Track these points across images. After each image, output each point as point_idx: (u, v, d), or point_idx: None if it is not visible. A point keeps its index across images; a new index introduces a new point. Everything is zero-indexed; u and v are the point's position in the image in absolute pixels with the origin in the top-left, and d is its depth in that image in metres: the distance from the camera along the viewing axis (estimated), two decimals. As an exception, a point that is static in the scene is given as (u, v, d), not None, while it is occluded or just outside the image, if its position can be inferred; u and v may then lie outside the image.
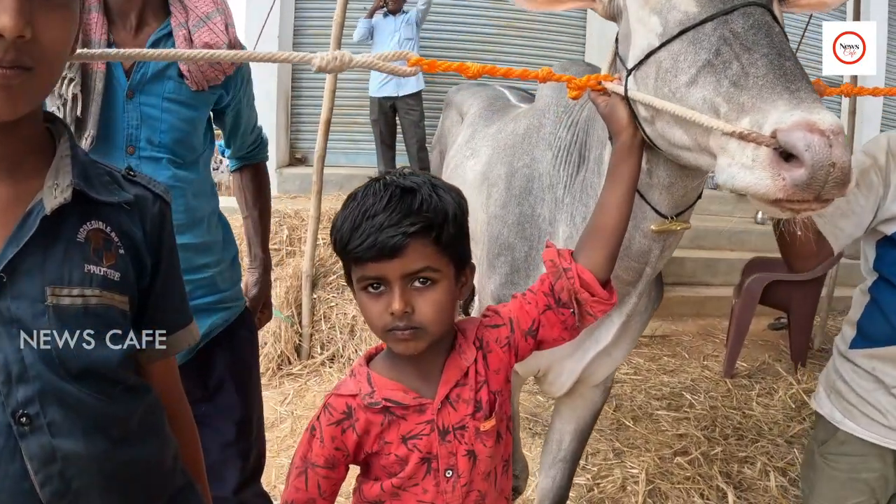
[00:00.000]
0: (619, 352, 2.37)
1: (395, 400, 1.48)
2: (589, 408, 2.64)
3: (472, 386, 1.53)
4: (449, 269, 1.47)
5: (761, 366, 5.95)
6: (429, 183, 1.46)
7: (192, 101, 2.10)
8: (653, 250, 1.92)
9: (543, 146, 2.28)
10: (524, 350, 1.62)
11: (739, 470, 4.14)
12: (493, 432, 1.55)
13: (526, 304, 1.62)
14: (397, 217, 1.38)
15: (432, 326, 1.44)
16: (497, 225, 2.39)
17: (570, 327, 1.63)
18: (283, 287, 5.68)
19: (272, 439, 4.36)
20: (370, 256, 1.39)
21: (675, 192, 1.81)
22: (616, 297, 1.64)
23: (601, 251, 1.62)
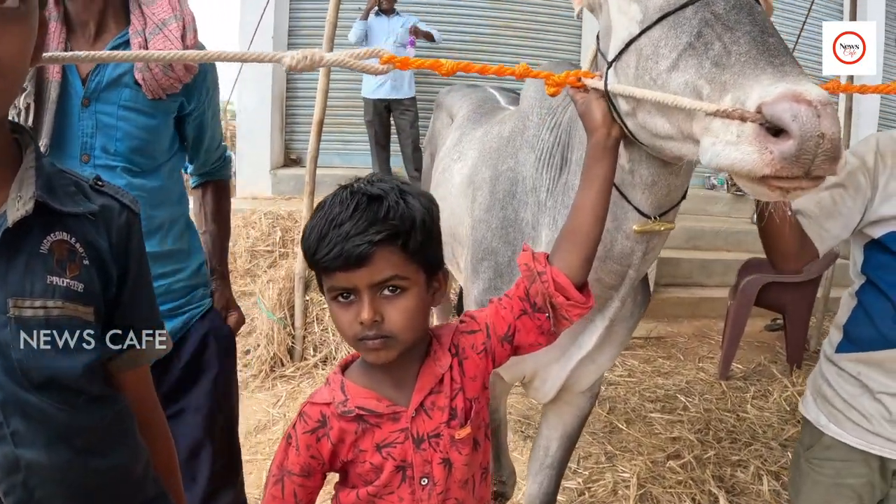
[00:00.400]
0: (605, 358, 2.34)
1: (368, 408, 1.48)
2: (576, 414, 2.61)
3: (447, 393, 1.52)
4: (419, 276, 1.46)
5: (757, 367, 5.93)
6: (396, 189, 1.44)
7: (149, 110, 2.09)
8: (635, 252, 1.88)
9: (527, 149, 2.25)
10: (501, 356, 1.61)
11: (732, 474, 4.11)
12: (468, 440, 1.54)
13: (501, 309, 1.60)
14: (363, 225, 1.37)
15: (403, 335, 1.43)
16: (481, 229, 2.36)
17: (547, 332, 1.61)
18: (276, 289, 5.66)
19: (264, 441, 4.42)
20: (338, 266, 1.38)
21: (657, 191, 1.77)
22: (593, 301, 1.62)
23: (576, 254, 1.59)
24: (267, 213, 6.46)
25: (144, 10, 2.06)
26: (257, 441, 4.42)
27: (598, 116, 1.64)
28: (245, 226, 6.34)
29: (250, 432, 4.50)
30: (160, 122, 2.13)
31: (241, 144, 8.85)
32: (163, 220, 2.16)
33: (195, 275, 2.33)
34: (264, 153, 8.65)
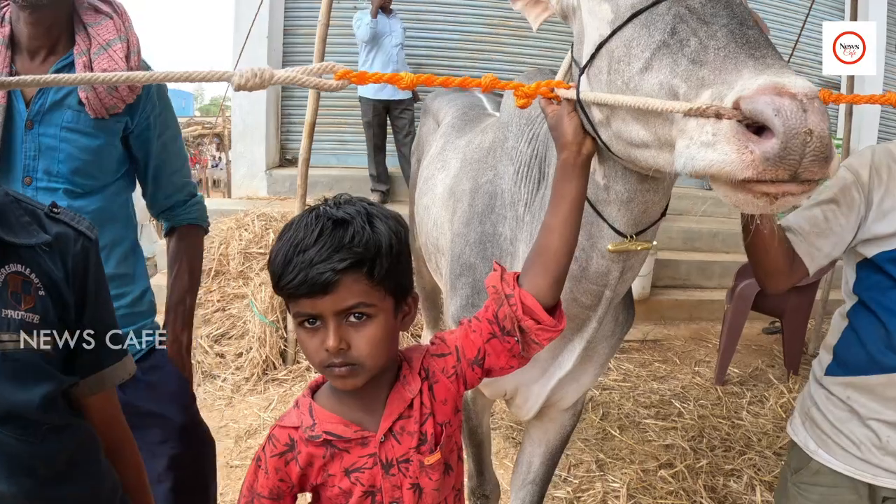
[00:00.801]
0: (587, 377, 2.30)
1: (335, 433, 1.47)
2: (558, 431, 2.57)
3: (416, 418, 1.49)
4: (385, 302, 1.42)
5: (753, 372, 5.89)
6: (363, 213, 1.41)
7: (92, 130, 2.07)
8: (611, 272, 1.82)
9: (506, 161, 2.19)
10: (472, 379, 1.57)
11: (725, 483, 4.06)
12: (439, 465, 1.51)
13: (471, 332, 1.56)
14: (327, 252, 1.34)
15: (369, 362, 1.40)
16: (459, 243, 2.32)
17: (517, 355, 1.56)
18: (269, 292, 5.63)
19: (254, 446, 4.35)
20: (302, 293, 1.35)
21: (634, 208, 1.71)
22: (564, 323, 1.55)
23: (545, 276, 1.53)
24: (260, 214, 6.42)
25: (90, 30, 2.05)
26: (248, 446, 4.39)
27: (568, 131, 1.56)
28: (238, 228, 6.30)
29: (241, 437, 4.49)
30: (104, 142, 2.11)
31: (236, 144, 8.83)
32: (104, 243, 2.08)
33: (138, 302, 2.27)
34: (259, 153, 8.63)
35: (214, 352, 5.55)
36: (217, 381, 5.31)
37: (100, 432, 1.49)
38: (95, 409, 1.47)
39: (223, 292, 5.91)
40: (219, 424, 4.64)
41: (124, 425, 1.58)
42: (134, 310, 2.25)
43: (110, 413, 1.52)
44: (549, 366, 2.18)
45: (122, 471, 1.53)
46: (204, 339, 5.61)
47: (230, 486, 3.90)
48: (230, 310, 5.81)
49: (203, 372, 5.39)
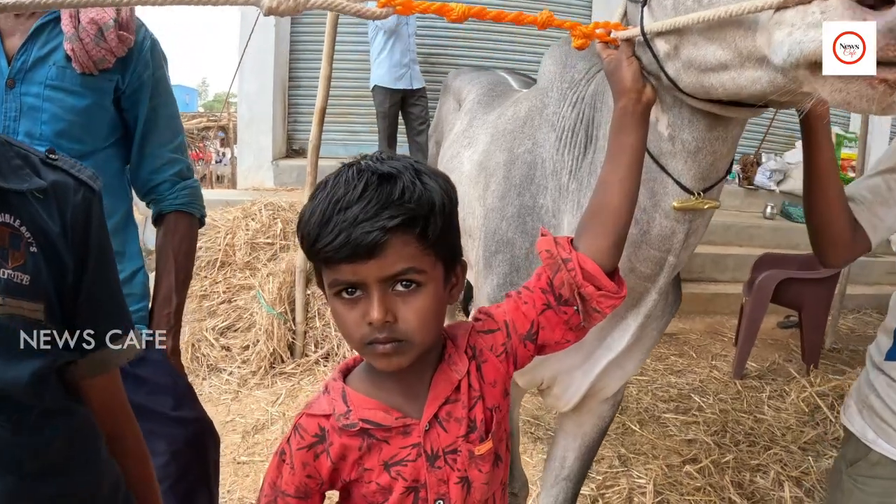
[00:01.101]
0: (632, 363, 2.14)
1: (374, 421, 1.28)
2: (596, 423, 2.40)
3: (464, 402, 1.32)
4: (436, 269, 1.26)
5: (771, 366, 5.76)
6: (411, 168, 1.24)
7: (78, 88, 1.91)
8: (676, 234, 1.66)
9: (546, 128, 2.03)
10: (523, 357, 1.41)
11: (752, 479, 3.92)
12: (489, 456, 1.34)
13: (522, 303, 1.40)
14: (374, 209, 1.17)
15: (418, 337, 1.23)
16: (495, 219, 2.16)
17: (575, 327, 1.41)
18: (276, 282, 5.50)
19: (262, 442, 4.28)
20: (343, 256, 1.17)
21: (701, 160, 1.57)
22: (626, 290, 1.41)
23: (604, 237, 1.40)
24: (267, 204, 6.27)
25: None
26: (255, 441, 4.28)
27: (627, 76, 1.45)
28: (245, 217, 6.16)
29: (248, 432, 4.38)
30: (92, 102, 1.95)
31: (242, 134, 8.70)
32: None
33: (128, 283, 2.09)
34: (266, 143, 8.49)
35: (220, 345, 5.42)
36: (223, 375, 5.19)
37: (100, 420, 1.31)
38: (96, 393, 1.29)
39: (229, 283, 5.78)
40: (225, 419, 4.54)
41: (128, 412, 1.40)
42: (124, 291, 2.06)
43: (113, 398, 1.34)
44: (595, 349, 2.02)
45: (125, 464, 1.36)
46: (209, 331, 5.48)
47: (237, 483, 3.79)
48: (236, 301, 5.67)
49: (209, 365, 5.28)
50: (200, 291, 5.73)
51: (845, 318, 6.73)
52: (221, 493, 3.63)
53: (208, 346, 5.39)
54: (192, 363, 5.25)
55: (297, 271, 5.44)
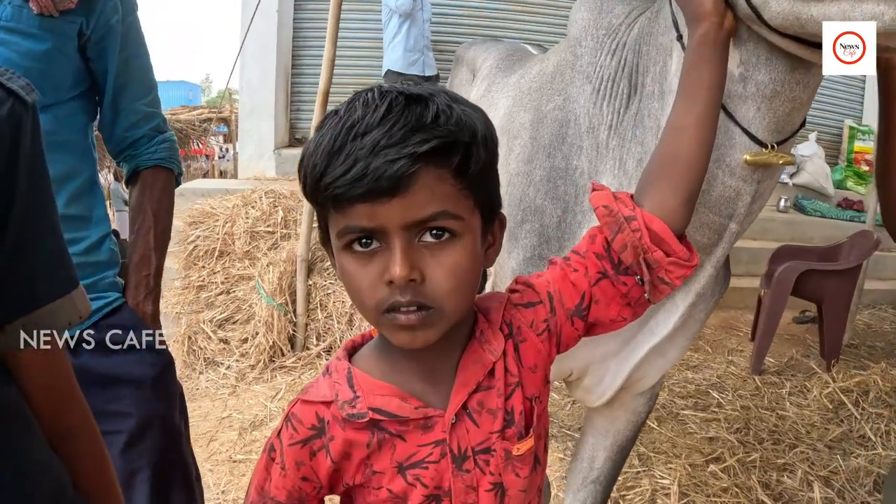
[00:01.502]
0: (675, 350, 1.89)
1: (387, 411, 1.03)
2: (630, 419, 2.16)
3: (500, 390, 1.08)
4: (474, 218, 1.00)
5: (789, 361, 5.55)
6: (446, 93, 0.99)
7: (37, 31, 1.71)
8: (741, 196, 1.44)
9: (580, 80, 1.81)
10: (569, 337, 1.17)
11: (779, 479, 3.71)
12: (529, 457, 1.10)
13: (571, 271, 1.16)
14: (400, 132, 0.91)
15: (449, 304, 0.97)
16: (520, 184, 1.92)
17: (635, 302, 1.18)
18: (276, 272, 5.30)
19: (260, 439, 4.09)
20: (358, 194, 0.91)
21: (778, 107, 1.34)
22: (697, 257, 1.18)
23: (675, 192, 1.17)
24: (268, 191, 6.06)
25: None
26: (252, 439, 4.09)
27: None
28: (245, 205, 5.96)
29: (245, 429, 4.21)
30: (52, 46, 1.74)
31: (243, 122, 8.49)
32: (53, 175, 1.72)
33: (95, 250, 1.90)
34: (268, 131, 8.27)
35: (218, 337, 5.25)
36: (220, 369, 5.04)
37: (37, 407, 1.03)
38: (30, 370, 1.01)
39: (228, 273, 5.57)
40: (222, 415, 4.39)
41: (77, 397, 1.11)
42: (89, 259, 1.86)
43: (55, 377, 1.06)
44: (635, 333, 1.79)
45: (75, 466, 1.08)
46: (207, 323, 5.30)
47: (233, 483, 3.60)
48: (235, 292, 5.47)
49: (206, 359, 5.12)
50: (198, 282, 5.56)
51: (861, 313, 6.53)
52: (216, 494, 3.48)
53: (205, 338, 5.24)
54: (188, 356, 5.13)
55: (298, 261, 5.25)
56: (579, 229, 1.73)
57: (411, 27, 7.47)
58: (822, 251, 5.81)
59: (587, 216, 1.74)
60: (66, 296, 1.05)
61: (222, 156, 19.15)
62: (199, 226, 5.80)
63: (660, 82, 1.52)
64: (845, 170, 9.01)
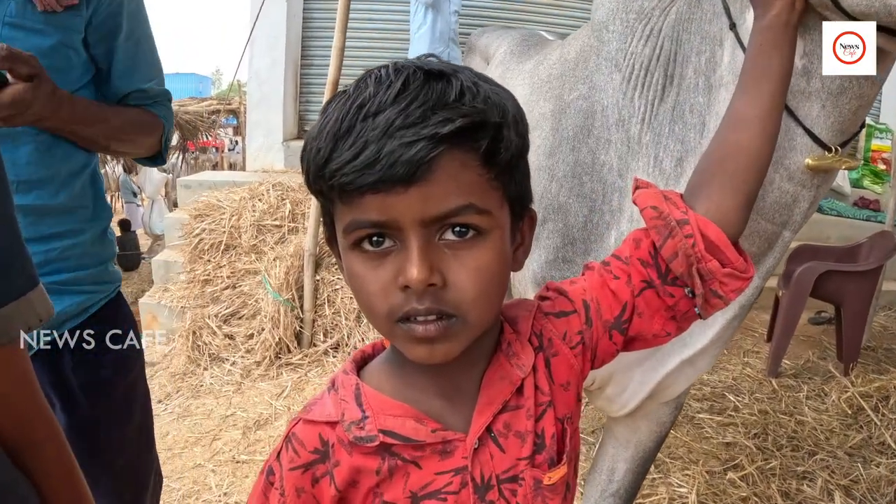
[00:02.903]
0: (705, 360, 1.77)
1: (401, 434, 0.91)
2: (654, 430, 2.03)
3: (529, 410, 0.95)
4: (503, 213, 0.88)
5: (806, 364, 5.43)
6: (469, 70, 0.87)
7: (42, 27, 1.66)
8: (799, 202, 1.33)
9: (608, 68, 1.68)
10: (606, 352, 1.04)
11: (798, 488, 3.59)
12: (561, 486, 0.98)
13: (611, 279, 1.04)
14: (419, 111, 0.78)
15: (474, 313, 0.85)
16: (542, 180, 1.79)
17: (681, 317, 1.05)
18: (283, 267, 5.22)
19: (265, 439, 4.03)
20: (368, 182, 0.79)
21: (844, 106, 1.22)
22: (753, 269, 1.05)
23: (734, 193, 1.06)
24: (275, 184, 5.99)
25: None
26: (256, 438, 4.02)
27: None
28: (252, 198, 5.88)
29: (249, 428, 4.14)
30: (57, 41, 1.69)
31: (251, 113, 8.40)
32: (61, 168, 1.74)
33: (99, 242, 1.88)
34: (276, 123, 8.17)
35: (223, 332, 5.18)
36: (225, 365, 4.97)
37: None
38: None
39: (233, 268, 5.49)
40: (225, 413, 4.32)
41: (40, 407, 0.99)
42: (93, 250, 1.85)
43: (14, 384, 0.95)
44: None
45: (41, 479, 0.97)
46: (212, 318, 5.24)
47: (235, 485, 3.51)
48: (241, 287, 5.39)
49: (210, 355, 5.06)
50: (203, 276, 5.49)
51: (878, 315, 6.41)
52: (217, 496, 3.40)
53: (210, 333, 5.18)
54: (193, 352, 5.08)
55: (305, 255, 5.17)
56: (607, 230, 1.62)
57: (437, 18, 7.32)
58: (840, 252, 5.70)
59: (616, 216, 1.62)
60: (22, 297, 0.94)
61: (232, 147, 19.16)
62: (204, 219, 5.73)
63: (706, 75, 1.40)
64: (862, 168, 8.89)
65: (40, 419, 0.99)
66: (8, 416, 0.93)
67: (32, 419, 0.98)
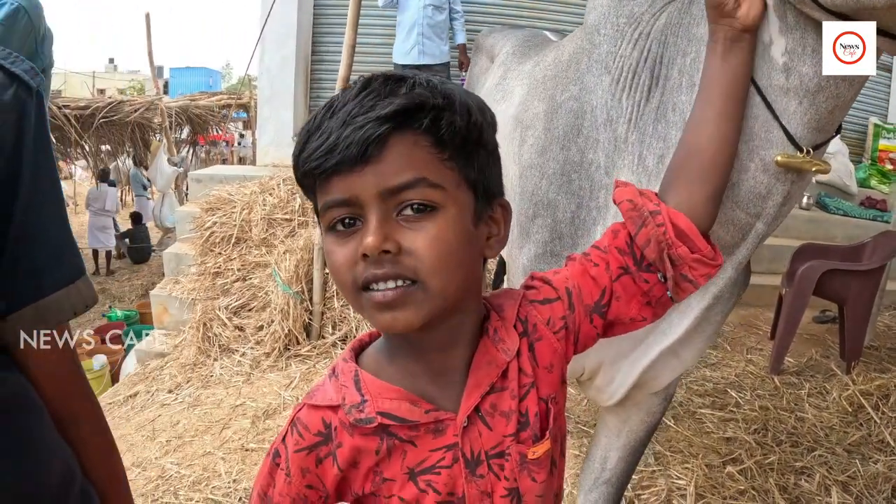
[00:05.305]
0: (690, 352, 1.83)
1: (397, 415, 1.00)
2: (644, 419, 2.10)
3: (513, 391, 1.03)
4: (460, 190, 0.96)
5: (809, 362, 5.45)
6: (431, 77, 0.97)
7: None
8: (773, 195, 1.36)
9: (598, 70, 1.75)
10: (588, 335, 1.12)
11: (796, 483, 3.64)
12: (546, 460, 1.06)
13: (591, 266, 1.12)
14: (371, 102, 0.90)
15: (433, 277, 0.92)
16: (533, 177, 1.86)
17: (656, 301, 1.14)
18: (293, 260, 5.30)
19: (273, 428, 4.09)
20: (331, 165, 0.90)
21: (821, 105, 1.26)
22: (721, 257, 1.14)
23: (699, 187, 1.15)
24: (286, 178, 6.06)
25: None
26: (265, 427, 4.09)
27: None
28: (262, 192, 5.96)
29: (258, 417, 4.21)
30: None
31: (262, 108, 8.46)
32: None
33: None
34: (287, 118, 8.22)
35: (233, 324, 5.27)
36: (235, 356, 5.06)
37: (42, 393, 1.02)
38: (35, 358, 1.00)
39: (244, 260, 5.58)
40: (235, 402, 4.39)
41: (81, 383, 1.11)
42: None
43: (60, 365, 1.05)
44: (646, 335, 1.73)
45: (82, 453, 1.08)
46: (222, 310, 5.32)
47: (244, 472, 3.58)
48: (251, 279, 5.48)
49: (220, 346, 5.15)
50: (214, 268, 5.58)
51: (882, 315, 6.43)
52: (227, 482, 3.46)
53: (221, 325, 5.25)
54: (203, 343, 5.16)
55: (314, 248, 5.25)
56: (594, 226, 1.68)
57: (402, 13, 7.35)
58: (844, 251, 5.70)
59: (602, 212, 1.69)
60: (72, 285, 1.04)
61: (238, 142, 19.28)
62: (216, 212, 5.80)
63: (690, 74, 1.45)
64: (869, 168, 8.90)
65: (82, 395, 1.11)
66: (55, 390, 1.04)
67: (76, 395, 1.09)
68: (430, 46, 7.40)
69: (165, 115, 12.41)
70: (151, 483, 3.55)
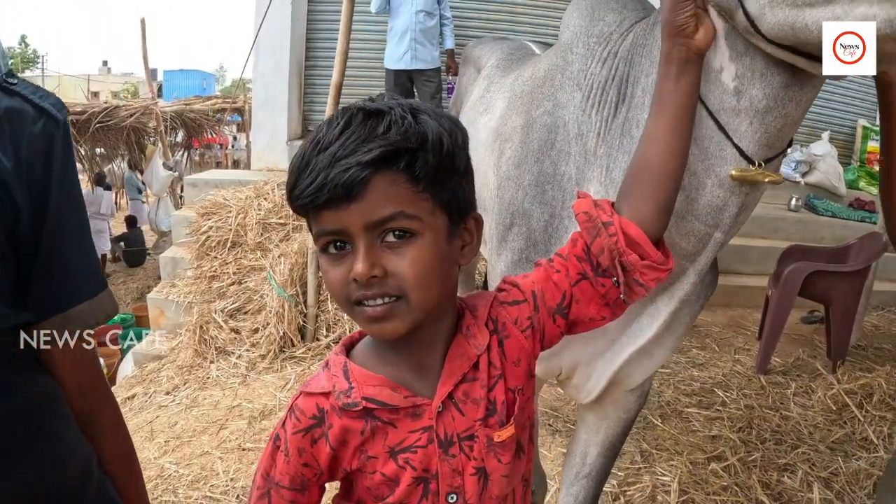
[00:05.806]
0: (661, 352, 1.93)
1: (379, 400, 1.13)
2: (621, 416, 2.20)
3: (483, 381, 1.17)
4: (435, 217, 1.09)
5: (796, 362, 5.53)
6: (405, 105, 1.08)
7: None
8: (728, 207, 1.47)
9: (570, 87, 1.84)
10: (552, 334, 1.25)
11: (779, 479, 3.73)
12: (511, 444, 1.19)
13: (553, 272, 1.24)
14: (353, 144, 1.02)
15: (415, 294, 1.07)
16: (510, 188, 1.97)
17: (613, 303, 1.25)
18: (288, 264, 5.37)
19: (269, 428, 4.15)
20: (322, 201, 1.03)
21: (770, 123, 1.36)
22: (672, 261, 1.25)
23: (650, 199, 1.24)
24: (280, 183, 6.12)
25: None
26: (261, 428, 4.16)
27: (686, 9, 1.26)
28: (257, 197, 6.04)
29: (255, 418, 4.28)
30: None
31: (256, 113, 8.54)
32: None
33: None
34: (281, 123, 8.31)
35: (229, 327, 5.33)
36: (231, 358, 5.12)
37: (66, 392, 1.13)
38: (61, 362, 1.11)
39: (239, 264, 5.65)
40: (231, 404, 4.46)
41: (103, 387, 1.23)
42: None
43: (83, 369, 1.16)
44: (619, 335, 1.83)
45: (101, 449, 1.19)
46: (218, 313, 5.38)
47: (241, 471, 3.66)
48: (247, 283, 5.55)
49: (217, 348, 5.21)
50: (210, 272, 5.64)
51: (869, 315, 6.51)
52: (225, 481, 3.54)
53: (217, 328, 5.31)
54: (199, 345, 5.21)
55: (309, 252, 5.31)
56: (566, 234, 1.77)
57: (394, 19, 7.45)
58: (830, 252, 5.79)
59: (573, 221, 1.76)
60: (95, 297, 1.15)
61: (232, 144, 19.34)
62: (211, 216, 5.86)
63: (651, 93, 1.50)
64: (858, 170, 8.99)
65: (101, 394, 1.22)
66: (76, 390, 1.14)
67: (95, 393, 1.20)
68: (422, 52, 7.48)
69: (160, 119, 12.49)
70: (151, 482, 3.62)
